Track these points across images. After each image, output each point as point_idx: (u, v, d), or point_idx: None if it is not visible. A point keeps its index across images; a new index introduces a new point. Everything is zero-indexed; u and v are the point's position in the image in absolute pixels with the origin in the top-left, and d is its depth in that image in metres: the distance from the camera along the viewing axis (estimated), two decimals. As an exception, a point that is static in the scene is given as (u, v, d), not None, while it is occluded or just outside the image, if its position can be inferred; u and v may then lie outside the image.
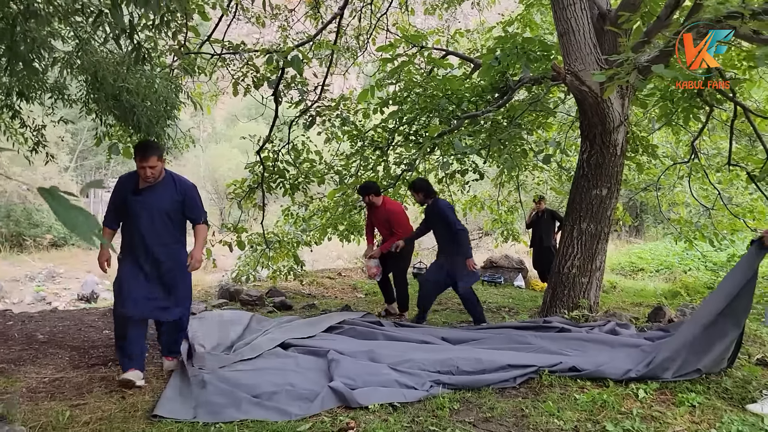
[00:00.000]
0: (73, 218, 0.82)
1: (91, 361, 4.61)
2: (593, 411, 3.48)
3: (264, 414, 3.50)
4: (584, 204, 6.05)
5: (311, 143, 8.44)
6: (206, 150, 37.64)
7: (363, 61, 11.06)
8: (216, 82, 8.63)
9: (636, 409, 3.47)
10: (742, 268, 3.95)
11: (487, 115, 7.33)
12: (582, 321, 5.71)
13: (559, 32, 5.62)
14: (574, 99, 6.67)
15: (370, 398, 3.64)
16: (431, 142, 6.97)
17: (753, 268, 3.88)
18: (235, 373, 4.29)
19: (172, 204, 4.08)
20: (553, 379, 4.04)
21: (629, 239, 19.00)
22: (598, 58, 5.43)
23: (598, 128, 5.80)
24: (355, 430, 3.25)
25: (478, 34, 10.99)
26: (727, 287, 3.99)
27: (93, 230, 0.83)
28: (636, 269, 13.28)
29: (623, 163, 6.18)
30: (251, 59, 6.43)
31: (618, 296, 9.71)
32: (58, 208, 0.80)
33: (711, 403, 3.61)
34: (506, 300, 8.89)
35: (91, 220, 0.84)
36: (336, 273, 11.86)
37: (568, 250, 6.15)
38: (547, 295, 6.40)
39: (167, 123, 5.00)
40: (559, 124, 10.38)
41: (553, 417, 3.42)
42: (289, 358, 4.70)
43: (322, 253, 19.98)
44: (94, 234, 0.83)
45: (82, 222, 0.82)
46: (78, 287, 16.98)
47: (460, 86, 7.78)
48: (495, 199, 11.65)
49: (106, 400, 3.64)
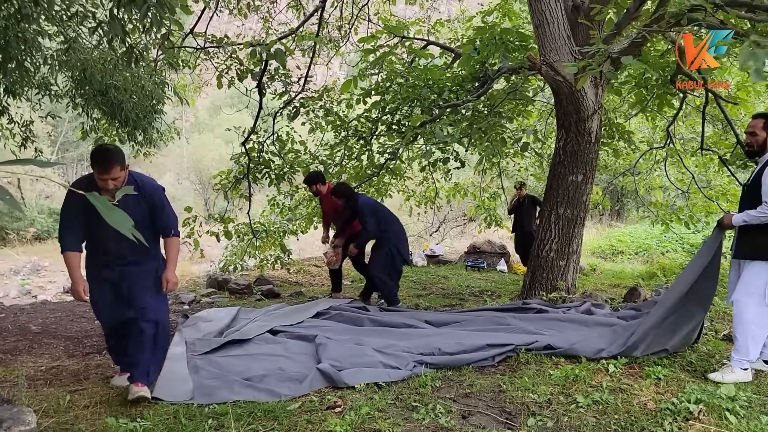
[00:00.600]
0: (114, 217, 0.97)
1: (85, 350, 4.76)
2: (566, 385, 3.71)
3: (255, 395, 3.68)
4: (561, 190, 6.27)
5: (296, 133, 8.57)
6: (190, 140, 37.45)
7: (346, 50, 11.16)
8: (200, 74, 8.71)
9: (606, 383, 3.70)
10: (705, 251, 4.18)
11: (468, 105, 7.51)
12: (560, 302, 5.94)
13: (534, 24, 5.80)
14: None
15: (356, 378, 3.84)
16: (413, 131, 7.14)
17: (713, 250, 4.12)
18: (227, 359, 4.47)
19: (140, 214, 3.50)
20: (530, 356, 4.27)
21: (610, 223, 19.35)
22: (572, 49, 5.62)
23: (573, 117, 6.01)
24: (342, 408, 3.44)
25: (459, 23, 11.14)
26: (692, 270, 4.22)
27: (129, 225, 0.99)
28: (616, 252, 13.60)
29: (598, 150, 6.40)
30: (234, 52, 6.54)
31: (597, 278, 9.98)
32: (102, 209, 0.95)
33: (675, 375, 3.85)
34: (489, 284, 9.12)
35: (126, 217, 0.99)
36: (323, 261, 12.02)
37: (546, 234, 6.37)
38: (527, 278, 6.63)
39: (154, 117, 5.13)
40: (540, 111, 10.59)
41: (528, 391, 3.64)
42: (278, 343, 4.88)
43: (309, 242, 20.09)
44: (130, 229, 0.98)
45: (121, 219, 0.98)
46: (63, 280, 16.97)
47: (441, 76, 7.94)
48: (478, 185, 11.87)
49: (103, 385, 3.80)
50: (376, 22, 10.37)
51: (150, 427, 3.11)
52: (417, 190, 11.55)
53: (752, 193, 3.81)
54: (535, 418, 3.24)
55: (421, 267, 11.84)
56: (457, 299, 7.56)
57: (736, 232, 3.96)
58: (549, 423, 3.17)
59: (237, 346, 4.79)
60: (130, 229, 0.98)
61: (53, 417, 3.16)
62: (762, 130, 3.83)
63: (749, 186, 3.88)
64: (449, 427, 3.14)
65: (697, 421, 3.09)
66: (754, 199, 3.76)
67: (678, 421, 3.10)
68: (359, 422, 3.19)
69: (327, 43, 9.75)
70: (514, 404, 3.47)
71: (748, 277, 3.80)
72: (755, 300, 3.74)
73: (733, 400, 3.28)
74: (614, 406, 3.35)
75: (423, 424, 3.18)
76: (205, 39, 6.76)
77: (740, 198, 4.04)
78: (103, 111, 4.95)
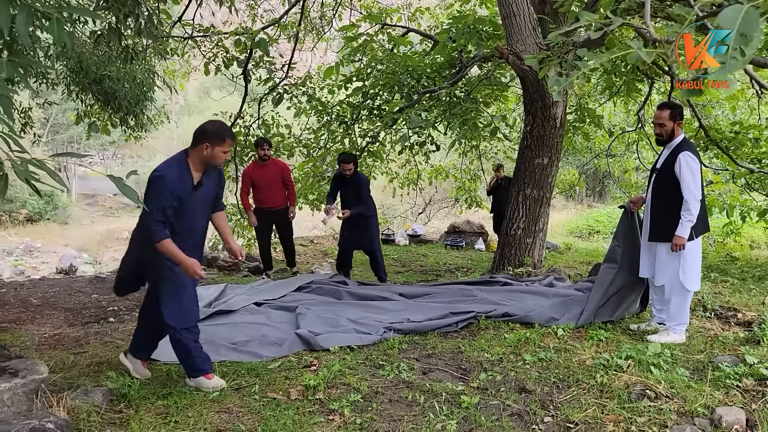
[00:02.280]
0: (127, 191, 1.36)
1: (84, 320, 5.17)
2: (517, 346, 4.16)
3: (239, 356, 4.11)
4: (528, 172, 6.69)
5: (281, 118, 8.93)
6: (179, 123, 37.51)
7: (330, 36, 11.48)
8: (188, 60, 9.03)
9: (553, 344, 4.16)
10: (630, 233, 4.67)
11: (445, 90, 7.90)
12: (525, 276, 6.40)
13: (502, 16, 6.17)
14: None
15: (330, 341, 4.28)
16: (392, 116, 7.53)
17: (635, 231, 4.60)
18: (213, 327, 4.89)
19: (216, 187, 3.55)
20: (489, 323, 4.72)
21: (590, 204, 19.86)
22: (537, 40, 6.01)
23: (539, 103, 6.41)
24: (317, 367, 3.88)
25: (440, 10, 11.47)
26: (629, 251, 4.68)
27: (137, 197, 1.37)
28: (593, 231, 14.10)
29: (563, 135, 6.81)
30: (221, 41, 6.87)
31: (570, 256, 10.46)
32: (118, 185, 1.34)
33: (616, 337, 4.32)
34: (465, 261, 9.58)
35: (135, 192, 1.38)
36: (308, 240, 12.45)
37: (515, 213, 6.81)
38: (497, 254, 7.08)
39: (145, 105, 5.49)
40: (517, 96, 11.00)
41: (483, 352, 4.09)
42: (262, 314, 5.30)
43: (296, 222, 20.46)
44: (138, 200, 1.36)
45: (131, 193, 1.36)
46: (56, 261, 17.32)
47: (420, 62, 8.31)
48: (459, 168, 12.30)
49: (103, 348, 4.22)
50: (358, 9, 10.68)
51: (146, 382, 3.53)
52: (400, 172, 11.96)
53: (665, 177, 4.18)
54: (486, 373, 3.68)
55: (402, 246, 12.28)
56: (433, 275, 8.02)
57: (649, 219, 4.33)
58: (498, 377, 3.62)
59: (224, 316, 5.20)
60: (137, 200, 1.36)
61: (59, 373, 3.58)
62: (669, 120, 4.20)
63: (659, 171, 4.27)
64: (410, 381, 3.58)
65: (624, 373, 3.55)
66: (669, 185, 4.13)
67: (609, 374, 3.56)
68: (331, 377, 3.63)
69: (310, 30, 10.07)
70: (470, 362, 3.91)
71: (664, 257, 4.23)
72: (674, 277, 4.19)
73: (659, 356, 3.74)
74: (556, 363, 3.81)
75: (387, 379, 3.62)
76: (193, 28, 7.08)
77: (652, 181, 4.35)
78: (98, 99, 5.30)
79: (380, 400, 3.31)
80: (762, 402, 3.13)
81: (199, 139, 3.31)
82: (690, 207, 4.03)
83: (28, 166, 1.35)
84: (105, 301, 5.95)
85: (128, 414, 3.07)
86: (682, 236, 4.06)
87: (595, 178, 21.54)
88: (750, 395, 3.24)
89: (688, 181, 4.03)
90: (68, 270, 16.16)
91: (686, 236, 4.07)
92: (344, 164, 6.53)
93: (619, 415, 3.03)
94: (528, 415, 3.08)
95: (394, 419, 3.07)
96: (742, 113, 10.35)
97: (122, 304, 5.82)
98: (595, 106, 10.19)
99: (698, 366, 3.72)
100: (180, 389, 3.42)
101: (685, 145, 4.18)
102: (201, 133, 3.33)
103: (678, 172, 4.06)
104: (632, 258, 4.60)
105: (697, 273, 4.25)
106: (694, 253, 4.20)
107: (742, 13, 1.26)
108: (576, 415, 3.03)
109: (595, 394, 3.30)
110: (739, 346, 4.00)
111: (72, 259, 16.51)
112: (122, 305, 5.78)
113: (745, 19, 1.26)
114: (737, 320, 4.72)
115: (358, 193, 6.66)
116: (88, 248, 21.86)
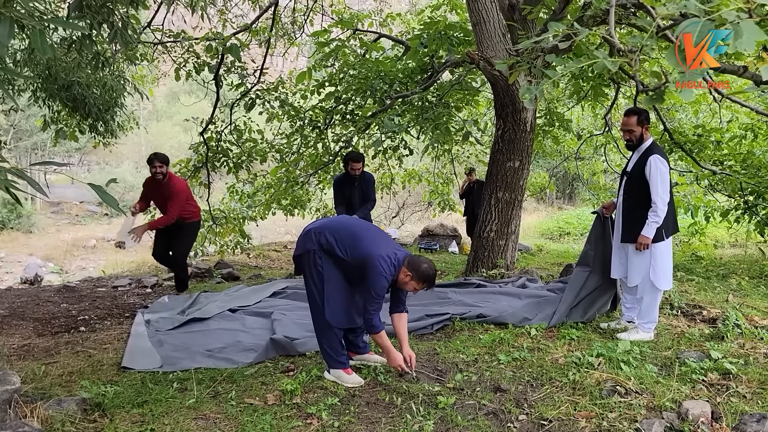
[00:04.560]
0: (108, 199, 1.37)
1: (54, 329, 5.08)
2: (492, 346, 4.23)
3: (216, 363, 4.10)
4: (500, 175, 6.79)
5: (253, 123, 8.90)
6: (148, 128, 37.01)
7: (302, 42, 11.48)
8: (157, 65, 8.94)
9: (526, 344, 4.24)
10: (602, 236, 4.79)
11: (418, 95, 7.97)
12: (498, 278, 6.49)
13: (472, 22, 6.27)
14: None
15: (306, 346, 4.29)
16: (365, 120, 7.57)
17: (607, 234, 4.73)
18: (189, 334, 4.87)
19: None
20: (464, 324, 4.79)
21: (561, 206, 20.19)
22: (507, 46, 6.12)
23: (509, 108, 6.52)
24: (294, 372, 3.88)
25: (411, 15, 11.57)
26: (601, 254, 4.80)
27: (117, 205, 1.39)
28: (563, 233, 14.33)
29: (533, 138, 6.93)
30: (191, 46, 6.83)
31: (542, 258, 10.62)
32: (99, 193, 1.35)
33: (587, 336, 4.42)
34: (440, 264, 9.64)
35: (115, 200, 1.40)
36: (282, 246, 12.41)
37: (487, 216, 6.90)
38: (470, 257, 7.17)
39: (114, 111, 5.43)
40: (489, 101, 11.14)
41: (459, 353, 4.15)
42: (236, 320, 5.28)
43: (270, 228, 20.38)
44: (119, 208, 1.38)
45: (112, 201, 1.38)
46: (20, 270, 16.90)
47: (392, 67, 8.38)
48: (432, 172, 12.40)
49: (74, 358, 4.16)
50: (330, 14, 10.71)
51: (120, 390, 3.50)
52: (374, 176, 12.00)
53: (636, 180, 4.31)
54: (462, 374, 3.74)
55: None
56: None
57: (621, 221, 4.45)
58: (473, 377, 3.68)
59: (198, 323, 5.17)
60: (118, 208, 1.38)
61: (30, 384, 3.52)
62: (637, 126, 4.33)
63: (630, 174, 4.40)
64: (387, 383, 3.62)
65: (596, 370, 3.64)
66: (640, 188, 4.25)
67: (581, 371, 3.64)
68: (308, 381, 3.65)
69: (282, 36, 10.06)
70: (446, 363, 3.97)
71: (636, 258, 4.35)
72: (646, 277, 4.31)
73: (628, 353, 3.84)
74: (530, 362, 3.89)
75: (364, 382, 3.65)
76: (163, 33, 7.02)
77: (623, 184, 4.47)
78: (66, 105, 5.22)
79: (357, 402, 3.34)
80: (726, 395, 3.25)
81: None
82: (657, 210, 4.15)
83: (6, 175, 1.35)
84: (75, 311, 5.86)
85: (103, 423, 3.05)
86: (648, 236, 4.19)
87: (564, 180, 21.90)
88: (715, 389, 3.36)
89: (657, 185, 4.16)
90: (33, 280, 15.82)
91: (651, 236, 4.19)
92: (355, 163, 6.47)
93: (591, 411, 3.11)
94: (503, 414, 3.14)
95: (371, 421, 3.11)
96: (705, 117, 10.66)
97: (93, 313, 5.74)
98: (563, 111, 10.39)
99: (666, 362, 3.83)
100: (155, 397, 3.40)
101: (654, 148, 4.31)
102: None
103: (648, 175, 4.19)
104: (604, 261, 4.72)
105: (668, 273, 4.37)
106: (665, 253, 4.33)
107: (699, 26, 1.33)
108: (550, 413, 3.10)
109: (568, 392, 3.38)
110: (704, 342, 4.14)
111: (37, 268, 16.12)
112: (93, 314, 5.70)
113: (702, 32, 1.33)
114: (702, 317, 4.87)
115: (366, 191, 6.66)
116: (53, 257, 21.41)
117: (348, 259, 3.56)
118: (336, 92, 8.46)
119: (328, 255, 3.62)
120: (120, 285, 7.22)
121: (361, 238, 3.62)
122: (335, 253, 3.58)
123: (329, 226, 3.72)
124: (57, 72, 4.41)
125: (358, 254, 3.53)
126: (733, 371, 3.50)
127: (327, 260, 3.62)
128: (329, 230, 3.66)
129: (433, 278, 3.58)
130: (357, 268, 3.55)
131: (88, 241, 24.34)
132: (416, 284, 3.54)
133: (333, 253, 3.59)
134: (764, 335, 4.23)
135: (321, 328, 3.70)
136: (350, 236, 3.62)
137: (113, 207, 1.43)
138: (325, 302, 3.62)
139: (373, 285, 3.44)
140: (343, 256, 3.57)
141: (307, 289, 3.72)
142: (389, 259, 3.49)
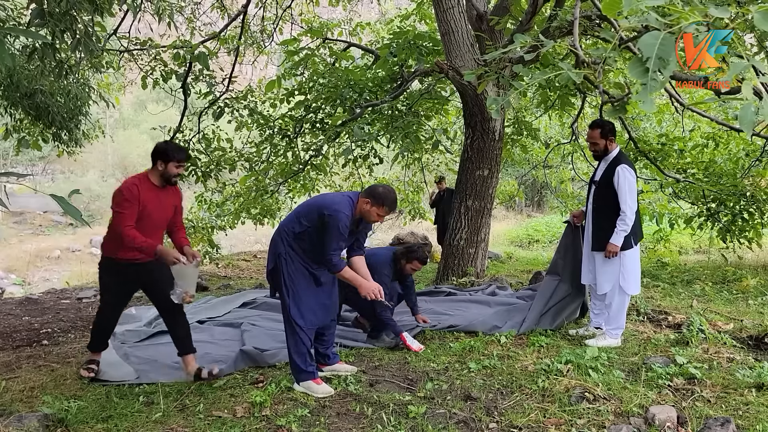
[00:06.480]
0: (71, 210, 1.34)
1: (15, 343, 4.93)
2: (462, 355, 4.25)
3: (184, 376, 4.02)
4: (469, 183, 6.85)
5: (221, 131, 8.81)
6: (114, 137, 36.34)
7: (271, 50, 11.44)
8: (124, 73, 8.80)
9: (496, 351, 4.27)
10: (571, 245, 4.87)
11: (388, 104, 7.99)
12: (468, 286, 6.53)
13: (441, 32, 6.33)
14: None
15: (277, 357, 4.24)
16: (335, 129, 7.56)
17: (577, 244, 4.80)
18: (155, 347, 4.77)
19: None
20: (435, 333, 4.80)
21: (530, 213, 20.43)
22: (475, 56, 6.19)
23: (478, 117, 6.59)
24: (264, 383, 3.84)
25: (381, 25, 11.62)
26: (570, 262, 4.88)
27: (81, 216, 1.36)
28: (532, 241, 14.51)
29: (502, 147, 7.02)
30: (159, 54, 6.74)
31: (512, 265, 10.72)
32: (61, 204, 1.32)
33: (556, 343, 4.47)
34: (411, 273, 9.66)
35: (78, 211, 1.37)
36: (252, 255, 12.29)
37: (457, 224, 6.95)
38: (441, 265, 7.20)
39: (79, 119, 5.31)
40: (458, 110, 11.25)
41: (429, 361, 4.15)
42: (204, 332, 5.20)
43: (240, 237, 20.16)
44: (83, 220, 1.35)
45: (75, 212, 1.35)
46: (-18, 282, 16.37)
47: (362, 76, 8.39)
48: (402, 180, 12.44)
49: (36, 372, 4.04)
50: (299, 23, 10.70)
51: (84, 405, 3.41)
52: (344, 185, 11.99)
53: (604, 189, 4.39)
54: (432, 382, 3.74)
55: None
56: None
57: (590, 229, 4.53)
58: (444, 386, 3.68)
59: (165, 336, 5.05)
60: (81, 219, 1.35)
61: (-11, 401, 3.41)
62: (600, 139, 4.43)
63: (599, 184, 4.48)
64: (357, 393, 3.59)
65: (565, 377, 3.68)
66: (608, 196, 4.34)
67: (550, 378, 3.68)
68: (278, 392, 3.60)
69: (251, 44, 10.01)
70: (417, 372, 3.96)
71: (605, 266, 4.42)
72: (615, 284, 4.39)
73: (596, 359, 3.90)
74: (500, 370, 3.91)
75: (335, 392, 3.62)
76: (129, 40, 6.92)
77: (592, 193, 4.54)
78: (28, 113, 5.09)
79: (328, 413, 3.31)
80: (691, 400, 3.31)
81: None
82: (626, 218, 4.24)
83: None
84: (37, 324, 5.70)
85: (66, 440, 2.96)
86: (616, 244, 4.27)
87: (533, 188, 22.21)
88: (680, 394, 3.42)
89: (626, 194, 4.25)
90: (-5, 292, 15.36)
91: (619, 244, 4.28)
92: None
93: (561, 418, 3.13)
94: (474, 422, 3.15)
95: (342, 432, 3.08)
96: (668, 126, 10.93)
97: (56, 326, 5.59)
98: (531, 120, 10.54)
99: (633, 367, 3.89)
100: (121, 411, 3.32)
101: (622, 158, 4.40)
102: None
103: (616, 184, 4.28)
104: (574, 270, 4.80)
105: (636, 278, 4.46)
106: (634, 259, 4.42)
107: (659, 39, 1.37)
108: (519, 420, 3.12)
109: (538, 399, 3.41)
110: (669, 348, 4.22)
111: (-1, 280, 15.65)
112: (56, 327, 5.56)
113: (663, 44, 1.37)
114: (668, 323, 4.97)
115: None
116: (15, 268, 20.79)
117: (310, 228, 3.60)
118: (306, 101, 8.43)
119: (296, 253, 3.65)
120: (85, 297, 7.05)
121: (316, 199, 3.81)
122: (301, 230, 3.62)
123: (293, 211, 3.84)
124: (19, 80, 4.30)
125: (315, 212, 3.59)
126: (698, 376, 3.58)
127: (297, 262, 3.65)
128: (293, 215, 3.75)
129: (394, 200, 3.63)
130: (319, 229, 3.57)
131: (52, 252, 23.70)
132: (378, 209, 3.57)
133: (301, 235, 3.63)
134: (727, 340, 4.33)
135: (291, 332, 3.68)
136: (307, 205, 3.75)
137: (76, 218, 1.40)
138: (295, 303, 3.64)
139: (334, 223, 3.47)
140: (308, 225, 3.60)
141: (281, 298, 3.72)
142: (344, 198, 3.60)
